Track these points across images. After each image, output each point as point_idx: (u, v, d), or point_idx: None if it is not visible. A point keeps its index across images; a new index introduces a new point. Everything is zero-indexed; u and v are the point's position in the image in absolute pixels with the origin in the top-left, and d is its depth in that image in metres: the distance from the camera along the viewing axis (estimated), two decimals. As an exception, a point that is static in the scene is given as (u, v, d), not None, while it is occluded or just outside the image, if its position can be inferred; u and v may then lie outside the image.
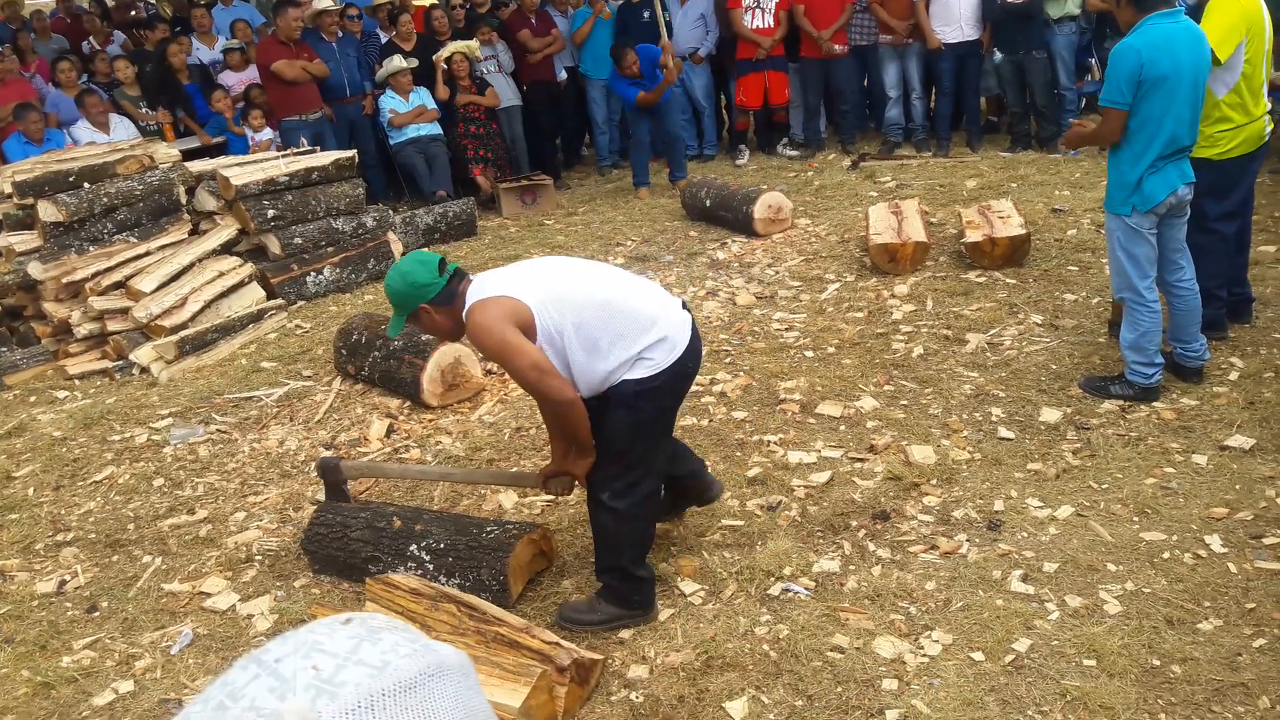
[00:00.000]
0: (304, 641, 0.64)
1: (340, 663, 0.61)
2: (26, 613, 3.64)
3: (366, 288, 6.90)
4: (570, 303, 2.90)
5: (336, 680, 0.60)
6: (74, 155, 6.74)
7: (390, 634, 0.66)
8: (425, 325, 3.03)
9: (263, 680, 0.61)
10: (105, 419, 5.16)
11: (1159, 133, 3.91)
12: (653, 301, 3.02)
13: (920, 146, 8.96)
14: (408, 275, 2.93)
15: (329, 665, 0.61)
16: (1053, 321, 5.12)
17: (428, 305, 2.94)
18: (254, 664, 0.63)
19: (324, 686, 0.59)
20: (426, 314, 2.96)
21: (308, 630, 0.66)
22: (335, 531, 3.61)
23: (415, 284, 2.92)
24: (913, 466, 3.95)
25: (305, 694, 0.59)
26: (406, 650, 0.64)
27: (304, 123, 8.36)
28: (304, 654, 0.62)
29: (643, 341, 2.94)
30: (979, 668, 2.88)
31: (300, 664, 0.61)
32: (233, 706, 0.59)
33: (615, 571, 3.19)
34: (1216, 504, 3.52)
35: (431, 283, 2.92)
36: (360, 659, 0.62)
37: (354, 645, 0.63)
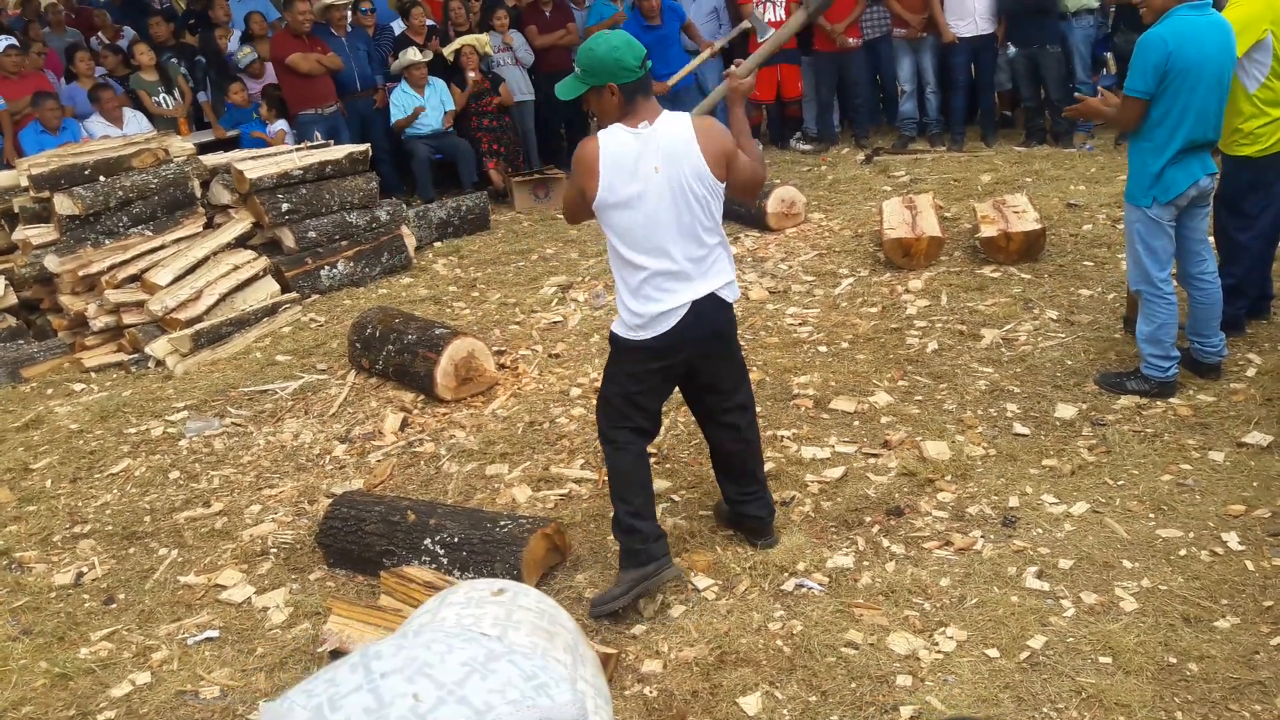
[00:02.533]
0: (415, 659, 0.61)
1: (442, 697, 0.58)
2: (44, 604, 3.67)
3: (380, 281, 6.91)
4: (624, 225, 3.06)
5: (431, 718, 0.57)
6: (89, 149, 6.77)
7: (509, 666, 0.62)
8: (599, 103, 3.07)
9: (363, 696, 0.58)
10: (121, 411, 5.19)
11: (1182, 125, 3.88)
12: (670, 280, 3.09)
13: (934, 141, 8.92)
14: (616, 49, 2.97)
15: (430, 697, 0.58)
16: (1068, 317, 5.10)
17: (615, 87, 2.99)
18: (363, 670, 0.60)
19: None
20: (610, 94, 3.01)
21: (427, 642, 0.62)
22: (350, 525, 3.62)
23: (618, 61, 2.97)
24: (927, 462, 3.93)
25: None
26: (515, 694, 0.60)
27: (319, 116, 8.38)
28: (410, 676, 0.59)
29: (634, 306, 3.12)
30: (994, 664, 2.87)
31: (403, 688, 0.58)
32: (328, 717, 0.57)
33: (617, 524, 3.31)
34: (1234, 501, 3.51)
35: (633, 68, 2.98)
36: (464, 696, 0.58)
37: (463, 676, 0.60)
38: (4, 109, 7.87)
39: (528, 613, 0.79)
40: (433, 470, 4.33)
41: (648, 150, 3.00)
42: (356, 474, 4.36)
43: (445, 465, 4.35)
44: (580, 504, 3.95)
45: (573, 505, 3.95)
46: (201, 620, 3.49)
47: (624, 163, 3.00)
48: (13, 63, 8.09)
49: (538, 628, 0.78)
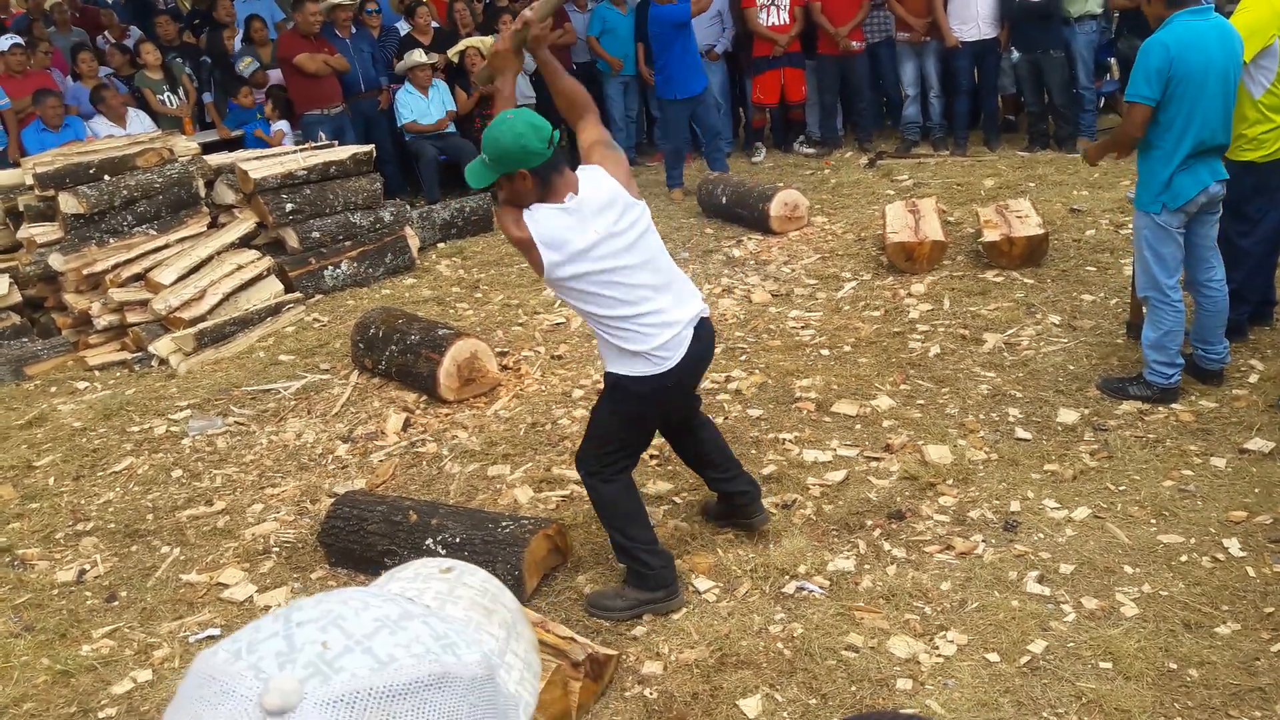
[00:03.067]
0: (331, 611, 0.64)
1: (349, 645, 0.61)
2: (46, 601, 3.68)
3: (384, 282, 6.92)
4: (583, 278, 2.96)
5: (336, 664, 0.60)
6: (94, 148, 6.78)
7: (421, 625, 0.65)
8: (511, 190, 2.96)
9: (278, 641, 0.61)
10: (125, 410, 5.20)
11: (1188, 131, 3.88)
12: (670, 315, 3.06)
13: (937, 145, 8.92)
14: (521, 137, 2.86)
15: (338, 645, 0.61)
16: (1070, 322, 5.10)
17: (526, 173, 2.90)
18: (283, 619, 0.64)
19: (322, 667, 0.59)
20: (522, 180, 2.91)
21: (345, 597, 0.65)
22: (352, 525, 3.63)
23: (525, 149, 2.86)
24: (929, 466, 3.94)
25: (303, 670, 0.59)
26: (420, 649, 0.63)
27: (325, 117, 8.40)
28: (323, 625, 0.63)
29: (636, 346, 3.02)
30: (994, 669, 2.88)
31: (314, 635, 0.62)
32: (243, 659, 0.60)
33: (617, 544, 3.28)
34: (1235, 507, 3.51)
35: (540, 153, 2.88)
36: (369, 647, 0.61)
37: (373, 629, 0.63)
38: (8, 107, 7.90)
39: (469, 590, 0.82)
40: (435, 470, 4.34)
41: (584, 220, 2.94)
42: (359, 474, 4.37)
43: (447, 466, 4.36)
44: (582, 505, 3.95)
45: (574, 506, 3.95)
46: (203, 618, 3.50)
47: (565, 235, 2.92)
48: (18, 61, 8.11)
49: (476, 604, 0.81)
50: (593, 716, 2.86)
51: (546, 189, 2.93)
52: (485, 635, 0.79)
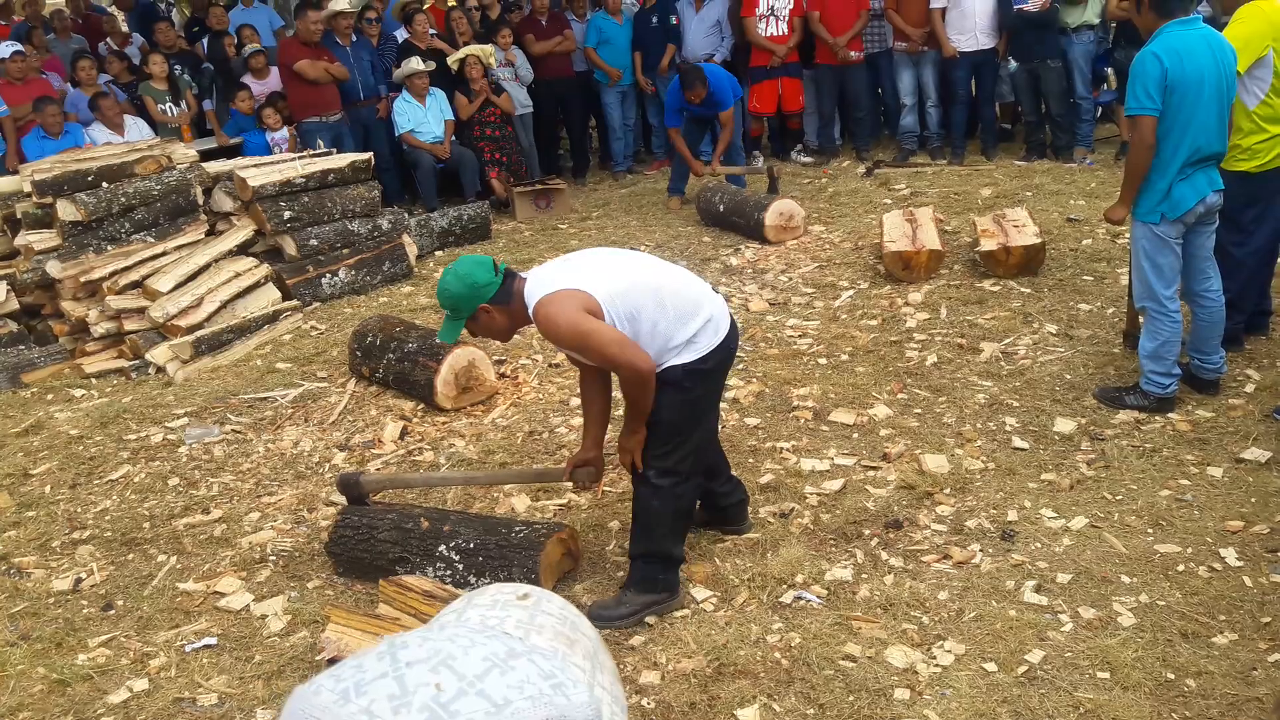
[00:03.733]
0: (440, 651, 0.63)
1: (463, 689, 0.60)
2: (43, 610, 3.67)
3: (381, 290, 6.93)
4: (627, 291, 2.96)
5: (452, 708, 0.59)
6: (93, 155, 6.79)
7: (529, 664, 0.64)
8: (482, 326, 3.03)
9: (388, 683, 0.61)
10: (121, 418, 5.20)
11: (1184, 140, 3.89)
12: (695, 287, 3.13)
13: (935, 154, 8.95)
14: (466, 277, 2.94)
15: (452, 688, 0.60)
16: (1067, 331, 5.11)
17: (488, 305, 2.96)
18: (389, 658, 0.63)
19: (438, 711, 0.59)
20: (486, 314, 2.98)
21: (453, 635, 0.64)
22: (361, 534, 3.62)
23: (475, 284, 2.93)
24: (926, 475, 3.94)
25: (419, 714, 0.58)
26: (533, 691, 0.62)
27: (324, 124, 8.41)
28: (434, 666, 0.62)
29: (692, 326, 3.05)
30: (992, 678, 2.88)
31: (426, 678, 0.61)
32: (354, 702, 0.60)
33: (649, 553, 3.25)
34: (1232, 517, 3.51)
35: (490, 282, 2.95)
36: (483, 689, 0.61)
37: (484, 670, 0.62)
38: (7, 115, 7.90)
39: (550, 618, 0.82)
40: (432, 479, 4.33)
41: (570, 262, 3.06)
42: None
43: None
44: (579, 514, 3.95)
45: (571, 515, 3.95)
46: (200, 627, 3.49)
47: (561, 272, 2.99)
48: (18, 69, 8.12)
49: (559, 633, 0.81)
50: (590, 726, 2.85)
51: (511, 304, 2.99)
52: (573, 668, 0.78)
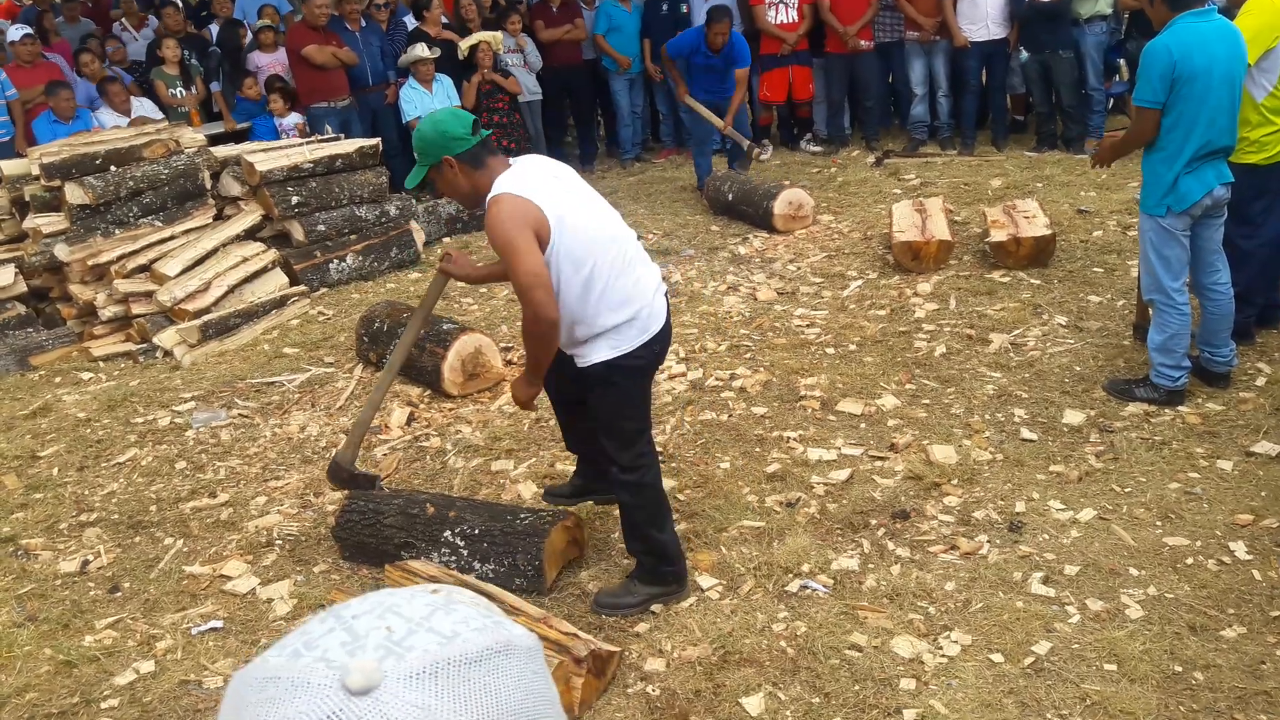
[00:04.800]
0: (382, 603, 0.67)
1: (412, 627, 0.64)
2: (50, 591, 3.68)
3: (389, 276, 6.92)
4: (587, 240, 2.89)
5: (406, 644, 0.63)
6: (101, 138, 6.78)
7: (466, 608, 0.68)
8: (444, 181, 2.96)
9: (337, 634, 0.64)
10: (129, 401, 5.20)
11: (1193, 132, 3.87)
12: (646, 281, 3.06)
13: (945, 144, 8.90)
14: (440, 124, 2.91)
15: (401, 628, 0.64)
16: (1077, 323, 5.09)
17: (452, 160, 2.90)
18: (332, 618, 0.66)
19: (393, 648, 0.62)
20: (449, 168, 2.91)
21: (388, 593, 0.68)
22: (368, 519, 3.62)
23: (446, 133, 2.88)
24: (934, 466, 3.93)
25: (375, 652, 0.61)
26: (478, 624, 0.66)
27: (332, 109, 8.39)
28: (380, 614, 0.65)
29: (623, 314, 2.97)
30: (998, 669, 2.87)
31: (375, 623, 0.65)
32: (306, 655, 0.62)
33: (643, 545, 3.24)
34: (1242, 510, 3.49)
35: (463, 136, 2.90)
36: (432, 626, 0.64)
37: (428, 612, 0.66)
38: (15, 98, 7.89)
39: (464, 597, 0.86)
40: (438, 465, 4.34)
41: (544, 178, 2.93)
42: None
43: (451, 460, 4.36)
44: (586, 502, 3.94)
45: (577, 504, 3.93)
46: (206, 610, 3.50)
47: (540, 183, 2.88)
48: (28, 52, 8.11)
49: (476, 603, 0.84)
50: (595, 712, 2.86)
51: (481, 174, 2.90)
52: None
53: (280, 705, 0.60)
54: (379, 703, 0.58)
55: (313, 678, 0.60)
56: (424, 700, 0.59)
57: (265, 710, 0.60)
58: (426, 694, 0.59)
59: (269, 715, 0.60)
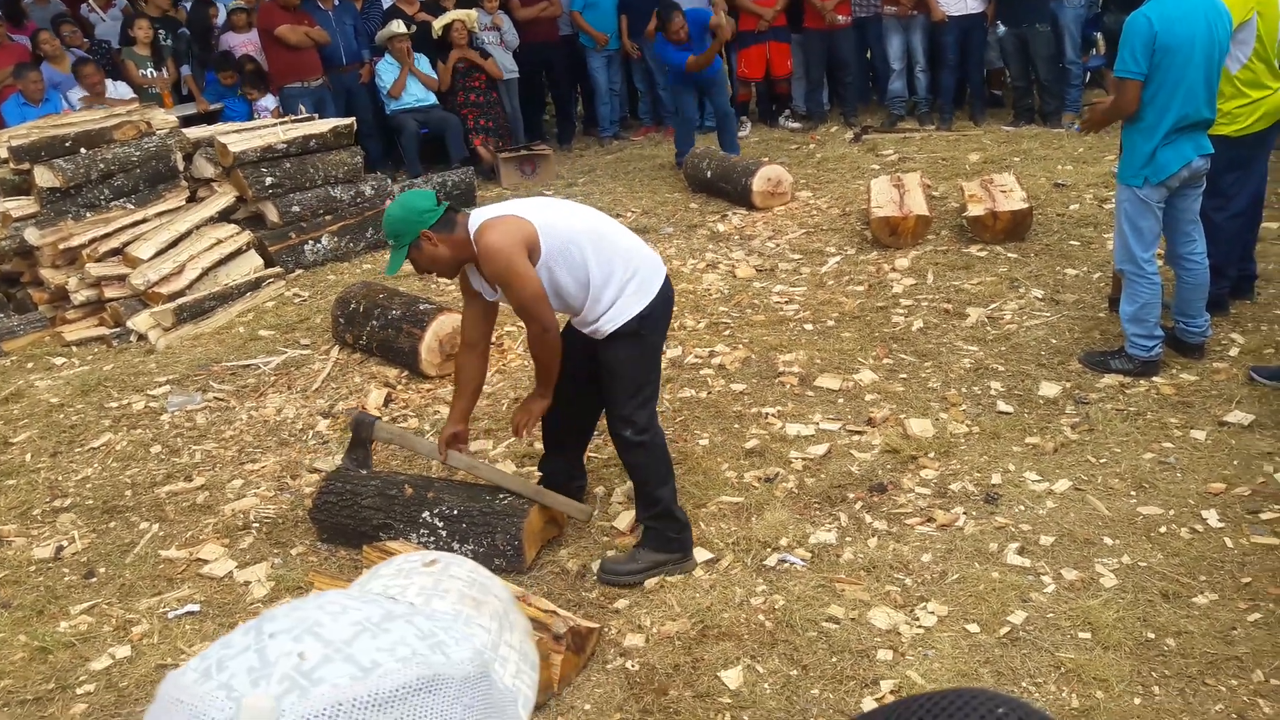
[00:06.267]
0: (306, 618, 0.60)
1: (328, 655, 0.57)
2: (24, 578, 3.65)
3: (365, 256, 6.87)
4: (568, 231, 3.03)
5: (315, 675, 0.56)
6: (70, 120, 6.69)
7: (405, 625, 0.61)
8: (425, 256, 3.03)
9: (249, 655, 0.57)
10: (103, 386, 5.15)
11: (1172, 104, 3.87)
12: (631, 238, 3.21)
13: (923, 120, 8.90)
14: (407, 203, 3.00)
15: (315, 655, 0.57)
16: (1053, 296, 5.11)
17: (429, 232, 2.97)
18: (254, 632, 0.59)
19: (299, 680, 0.55)
20: (428, 241, 2.99)
21: (320, 604, 0.61)
22: (345, 500, 3.60)
23: (417, 209, 2.97)
24: (910, 439, 3.94)
25: (279, 685, 0.55)
26: (405, 652, 0.58)
27: (306, 89, 8.30)
28: (298, 635, 0.58)
29: (630, 270, 3.09)
30: (974, 639, 2.89)
31: (288, 646, 0.57)
32: (213, 679, 0.56)
33: (656, 509, 3.27)
34: (1214, 479, 3.52)
35: (431, 209, 2.98)
36: (350, 655, 0.57)
37: (353, 635, 0.58)
38: (-16, 80, 7.77)
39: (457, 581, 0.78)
40: (416, 446, 4.31)
41: None
42: (340, 449, 4.34)
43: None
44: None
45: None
46: (182, 594, 3.47)
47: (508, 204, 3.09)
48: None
49: (465, 596, 0.77)
50: (575, 689, 2.86)
51: (453, 234, 3.01)
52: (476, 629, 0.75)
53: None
54: None
55: (209, 710, 0.55)
56: None
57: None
58: None
59: None
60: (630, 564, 3.30)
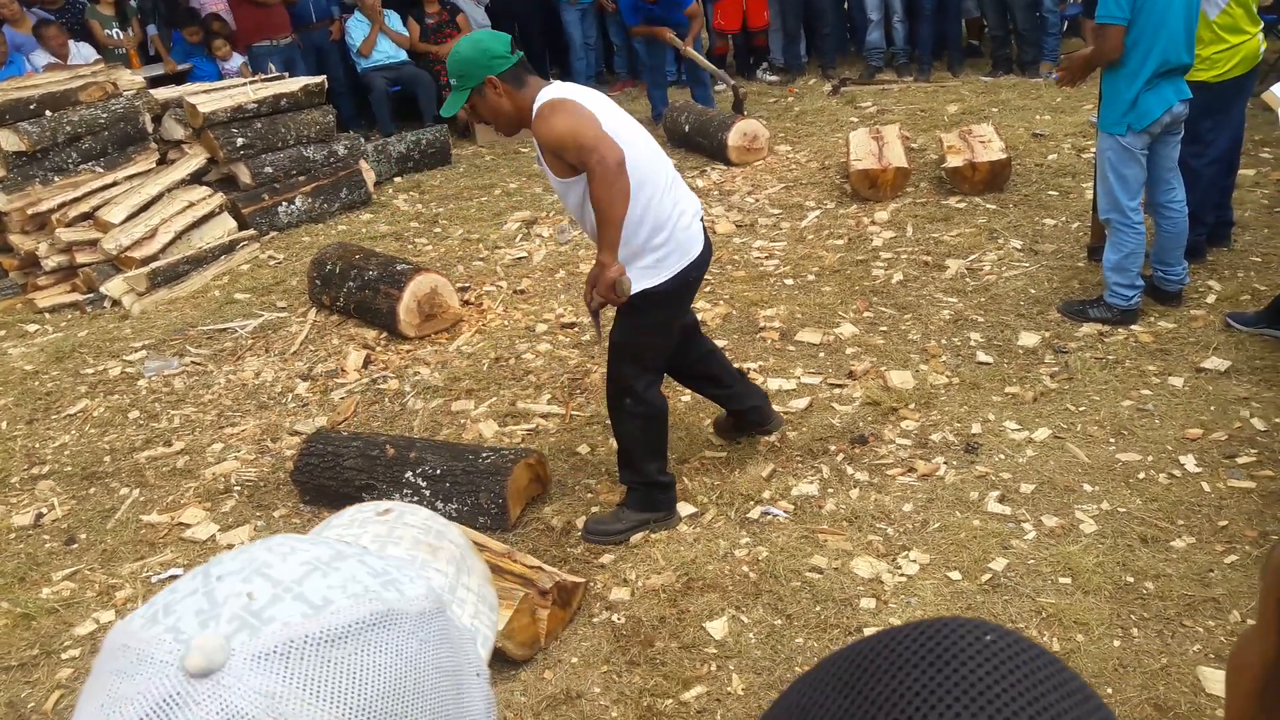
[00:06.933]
0: (254, 559, 0.59)
1: (278, 594, 0.55)
2: (4, 545, 3.62)
3: (339, 218, 6.79)
4: (636, 157, 2.83)
5: (265, 614, 0.54)
6: (34, 82, 6.54)
7: (357, 564, 0.60)
8: (488, 104, 2.87)
9: (196, 598, 0.56)
10: (77, 352, 5.09)
11: (1153, 50, 3.85)
12: (685, 204, 3.02)
13: (901, 71, 8.84)
14: (480, 42, 2.83)
15: (264, 595, 0.55)
16: (1032, 246, 5.11)
17: (495, 79, 2.82)
18: (201, 576, 0.58)
19: (249, 620, 0.54)
20: (492, 89, 2.83)
21: (268, 546, 0.60)
22: (327, 461, 3.59)
23: (488, 52, 2.80)
24: (891, 391, 3.95)
25: (228, 625, 0.53)
26: (357, 588, 0.57)
27: (275, 48, 8.15)
28: (246, 576, 0.57)
29: (660, 239, 2.93)
30: (956, 587, 2.92)
31: (237, 587, 0.56)
32: (160, 623, 0.55)
33: (640, 477, 3.25)
34: (1192, 425, 3.56)
35: (504, 55, 2.82)
36: (301, 593, 0.55)
37: (304, 573, 0.57)
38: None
39: (411, 529, 0.77)
40: (398, 407, 4.30)
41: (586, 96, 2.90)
42: (320, 412, 4.32)
43: (410, 402, 4.32)
44: (547, 439, 3.94)
45: (539, 440, 3.93)
46: (165, 558, 3.46)
47: (590, 98, 2.87)
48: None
49: (420, 542, 0.76)
50: (561, 643, 2.88)
51: (521, 90, 2.84)
52: (432, 572, 0.75)
53: (122, 680, 0.54)
54: (219, 687, 0.51)
55: (157, 652, 0.53)
56: (270, 686, 0.52)
57: (108, 683, 0.54)
58: (274, 678, 0.52)
59: (111, 689, 0.54)
60: (614, 523, 3.30)
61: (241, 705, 0.51)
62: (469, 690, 0.63)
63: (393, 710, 0.55)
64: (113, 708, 0.53)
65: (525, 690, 2.73)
